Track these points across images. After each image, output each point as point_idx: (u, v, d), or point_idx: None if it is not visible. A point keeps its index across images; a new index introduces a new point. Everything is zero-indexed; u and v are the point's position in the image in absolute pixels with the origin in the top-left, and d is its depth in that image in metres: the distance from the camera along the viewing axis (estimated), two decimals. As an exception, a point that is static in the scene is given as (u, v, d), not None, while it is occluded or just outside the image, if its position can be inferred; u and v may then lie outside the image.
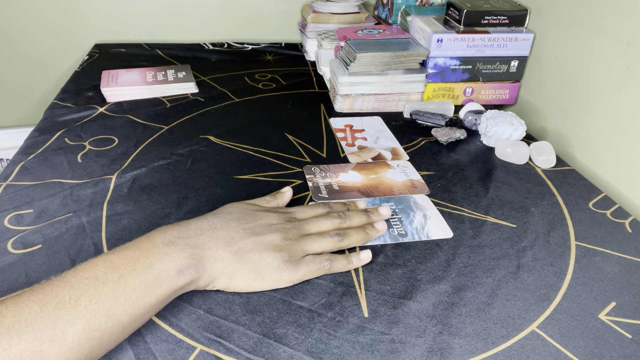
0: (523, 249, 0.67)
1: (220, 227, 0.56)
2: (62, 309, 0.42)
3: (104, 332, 0.44)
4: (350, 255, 0.61)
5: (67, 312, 0.42)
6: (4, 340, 0.39)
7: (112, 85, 1.07)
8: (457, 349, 0.51)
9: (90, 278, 0.46)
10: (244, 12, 1.46)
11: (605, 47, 0.85)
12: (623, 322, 0.55)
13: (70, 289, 0.44)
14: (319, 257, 0.60)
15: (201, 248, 0.53)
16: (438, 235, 0.68)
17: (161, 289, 0.49)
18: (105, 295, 0.45)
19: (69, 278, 0.45)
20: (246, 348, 0.50)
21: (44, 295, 0.43)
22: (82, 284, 0.45)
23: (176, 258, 0.51)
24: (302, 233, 0.61)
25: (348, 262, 0.61)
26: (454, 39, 1.00)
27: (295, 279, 0.57)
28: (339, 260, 0.60)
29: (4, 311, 0.41)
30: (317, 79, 1.21)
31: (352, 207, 0.69)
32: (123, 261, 0.48)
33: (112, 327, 0.45)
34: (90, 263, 0.48)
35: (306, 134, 0.94)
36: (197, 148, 0.88)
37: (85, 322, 0.43)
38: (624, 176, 0.82)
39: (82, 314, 0.43)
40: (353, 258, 0.61)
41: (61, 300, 0.43)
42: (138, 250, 0.50)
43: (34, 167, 0.80)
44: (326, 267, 0.59)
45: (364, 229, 0.65)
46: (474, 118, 0.98)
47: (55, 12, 1.37)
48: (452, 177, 0.83)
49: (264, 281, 0.56)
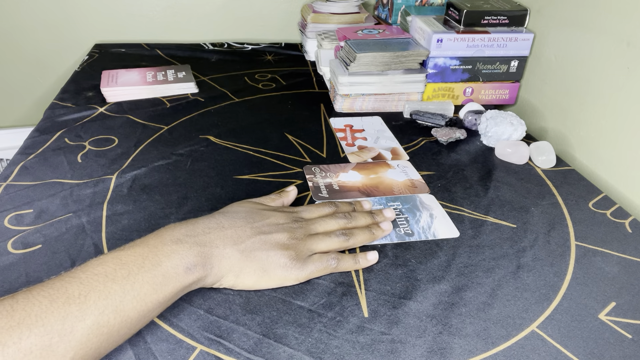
0: (523, 249, 0.67)
1: (227, 226, 0.57)
2: (71, 304, 0.43)
3: (112, 327, 0.45)
4: (358, 255, 0.62)
5: (77, 308, 0.43)
6: (14, 334, 0.39)
7: (112, 85, 1.07)
8: (457, 349, 0.51)
9: (100, 274, 0.46)
10: (244, 12, 1.46)
11: (605, 47, 0.85)
12: (623, 322, 0.55)
13: (80, 284, 0.44)
14: (326, 255, 0.60)
15: (209, 246, 0.53)
16: (444, 235, 0.68)
17: (169, 286, 0.49)
18: (114, 291, 0.45)
19: (79, 274, 0.46)
20: (246, 348, 0.50)
21: (53, 290, 0.43)
22: (92, 280, 0.45)
23: (184, 256, 0.51)
24: (309, 232, 0.61)
25: (355, 261, 0.61)
26: (454, 39, 1.00)
27: (302, 276, 0.58)
28: (345, 260, 0.60)
29: (14, 305, 0.41)
30: (317, 79, 1.21)
31: (357, 207, 0.69)
32: (132, 258, 0.48)
33: (120, 323, 0.45)
34: (100, 259, 0.48)
35: (306, 134, 0.94)
36: (197, 148, 0.88)
37: (94, 317, 0.43)
38: (624, 176, 0.82)
39: (91, 310, 0.43)
40: (360, 258, 0.61)
41: (70, 295, 0.43)
42: (147, 247, 0.50)
43: (34, 167, 0.80)
44: (333, 265, 0.59)
45: (369, 229, 0.65)
46: (474, 118, 0.98)
47: (55, 12, 1.37)
48: (452, 177, 0.83)
49: (271, 279, 0.56)
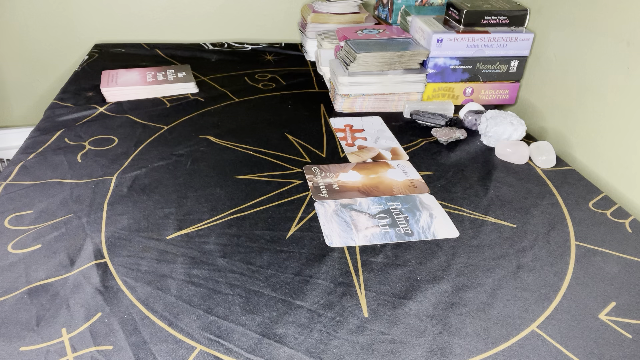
0: (523, 249, 0.67)
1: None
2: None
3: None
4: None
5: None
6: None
7: (112, 85, 1.07)
8: (457, 349, 0.51)
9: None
10: (244, 12, 1.46)
11: (605, 47, 0.85)
12: (623, 322, 0.55)
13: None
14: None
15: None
16: (444, 235, 0.68)
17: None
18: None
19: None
20: (246, 348, 0.50)
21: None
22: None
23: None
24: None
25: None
26: (454, 39, 1.00)
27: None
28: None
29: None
30: (317, 79, 1.21)
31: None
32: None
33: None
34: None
35: (306, 134, 0.94)
36: (197, 148, 0.88)
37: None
38: (624, 176, 0.82)
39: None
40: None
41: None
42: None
43: (34, 167, 0.80)
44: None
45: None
46: (474, 118, 0.97)
47: (55, 12, 1.37)
48: (452, 177, 0.83)
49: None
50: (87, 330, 0.53)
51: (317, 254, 0.64)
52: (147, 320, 0.54)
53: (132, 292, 0.58)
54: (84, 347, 0.51)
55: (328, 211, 0.72)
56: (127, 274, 0.60)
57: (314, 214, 0.72)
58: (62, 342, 0.51)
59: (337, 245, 0.66)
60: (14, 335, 0.52)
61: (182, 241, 0.66)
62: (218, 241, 0.66)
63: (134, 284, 0.59)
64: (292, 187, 0.75)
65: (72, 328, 0.53)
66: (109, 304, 0.56)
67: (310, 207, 0.73)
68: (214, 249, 0.65)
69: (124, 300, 0.57)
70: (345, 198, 0.75)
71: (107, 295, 0.57)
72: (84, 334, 0.52)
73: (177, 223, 0.69)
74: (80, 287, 0.58)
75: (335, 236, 0.68)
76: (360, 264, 0.63)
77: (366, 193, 0.76)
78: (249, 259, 0.63)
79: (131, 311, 0.55)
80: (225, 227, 0.69)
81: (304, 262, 0.63)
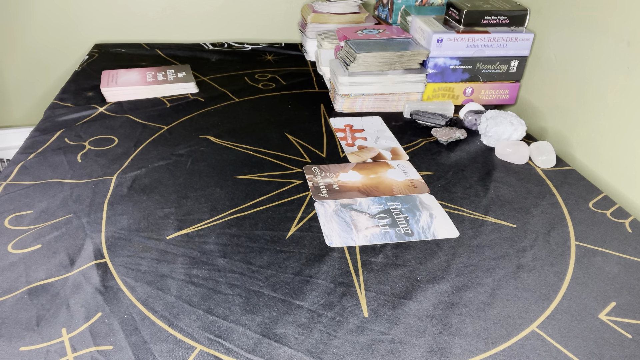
0: (523, 249, 0.67)
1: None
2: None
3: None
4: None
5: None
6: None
7: (112, 85, 1.07)
8: (457, 349, 0.51)
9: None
10: (244, 12, 1.46)
11: (605, 47, 0.85)
12: (623, 322, 0.55)
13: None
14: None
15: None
16: (444, 235, 0.68)
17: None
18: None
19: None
20: (246, 348, 0.50)
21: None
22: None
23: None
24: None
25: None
26: (454, 39, 1.00)
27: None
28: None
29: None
30: (317, 79, 1.21)
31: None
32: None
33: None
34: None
35: (306, 134, 0.94)
36: (197, 148, 0.88)
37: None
38: (624, 176, 0.82)
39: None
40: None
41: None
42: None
43: (34, 167, 0.80)
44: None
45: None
46: (474, 118, 0.97)
47: (55, 12, 1.37)
48: (452, 177, 0.83)
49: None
50: (87, 330, 0.53)
51: (317, 254, 0.64)
52: (147, 320, 0.54)
53: (132, 292, 0.58)
54: (84, 347, 0.51)
55: (328, 211, 0.72)
56: (127, 274, 0.60)
57: (314, 214, 0.72)
58: (62, 342, 0.51)
59: (337, 245, 0.66)
60: (14, 335, 0.52)
61: (182, 241, 0.66)
62: (218, 241, 0.66)
63: (134, 284, 0.59)
64: (292, 187, 0.75)
65: (72, 328, 0.53)
66: (109, 304, 0.56)
67: (310, 207, 0.73)
68: (214, 249, 0.65)
69: (124, 300, 0.57)
70: (345, 198, 0.75)
71: (107, 295, 0.57)
72: (84, 334, 0.52)
73: (177, 223, 0.69)
74: (80, 287, 0.58)
75: (335, 236, 0.68)
76: (360, 264, 0.63)
77: (366, 193, 0.76)
78: (249, 259, 0.63)
79: (131, 311, 0.55)
80: (225, 227, 0.69)
81: (304, 262, 0.63)
